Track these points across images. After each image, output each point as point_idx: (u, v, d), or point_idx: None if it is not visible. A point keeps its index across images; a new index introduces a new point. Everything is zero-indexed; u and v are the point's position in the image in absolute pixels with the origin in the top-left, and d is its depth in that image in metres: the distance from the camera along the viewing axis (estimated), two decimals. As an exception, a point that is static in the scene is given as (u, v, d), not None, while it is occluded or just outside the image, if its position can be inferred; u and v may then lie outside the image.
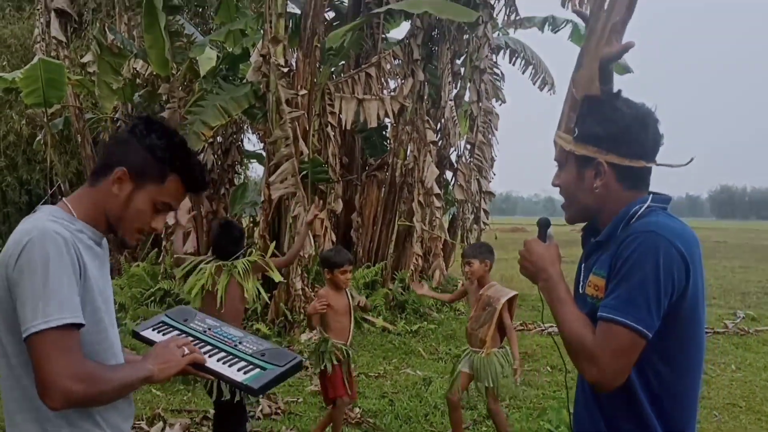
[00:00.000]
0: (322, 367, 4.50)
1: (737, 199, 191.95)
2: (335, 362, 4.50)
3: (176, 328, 1.95)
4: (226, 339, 1.89)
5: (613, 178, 1.68)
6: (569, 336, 1.60)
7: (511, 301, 4.63)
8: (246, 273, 4.27)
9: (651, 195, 1.69)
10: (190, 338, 1.89)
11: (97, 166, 1.76)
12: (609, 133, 1.65)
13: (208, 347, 1.85)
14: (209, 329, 1.94)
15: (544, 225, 1.80)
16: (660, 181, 1.78)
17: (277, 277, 5.03)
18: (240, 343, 1.88)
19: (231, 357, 1.82)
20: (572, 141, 1.69)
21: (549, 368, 7.14)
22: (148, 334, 1.95)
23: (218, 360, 1.80)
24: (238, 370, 1.76)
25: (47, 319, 1.48)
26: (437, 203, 10.00)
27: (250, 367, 1.78)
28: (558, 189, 1.78)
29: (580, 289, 1.76)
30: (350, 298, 4.68)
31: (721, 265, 20.41)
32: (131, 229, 1.75)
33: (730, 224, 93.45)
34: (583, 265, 1.79)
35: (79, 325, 1.54)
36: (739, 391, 6.46)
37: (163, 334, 1.94)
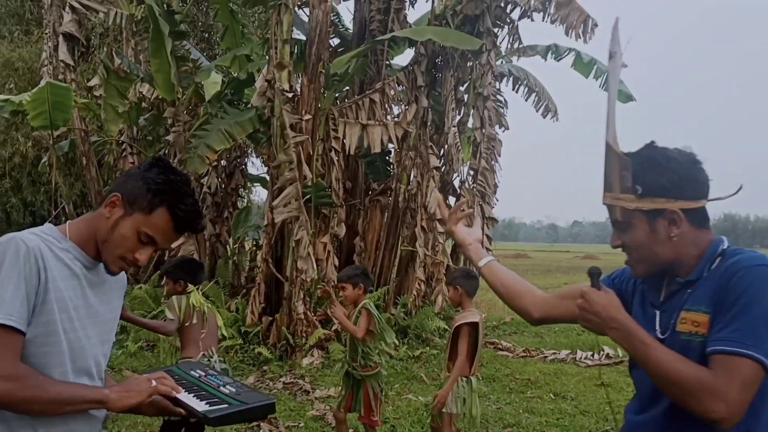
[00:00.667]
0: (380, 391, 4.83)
1: (741, 227, 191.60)
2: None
3: (178, 374, 2.02)
4: (213, 383, 1.96)
5: (687, 222, 1.72)
6: (676, 375, 1.55)
7: (475, 327, 4.58)
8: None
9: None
10: (179, 377, 1.96)
11: (105, 194, 1.87)
12: (673, 181, 1.70)
13: (193, 387, 1.92)
14: (205, 376, 2.02)
15: (596, 275, 1.76)
16: None
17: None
18: (224, 385, 1.95)
19: (207, 394, 1.87)
20: (636, 199, 1.71)
21: (552, 395, 7.10)
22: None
23: (191, 394, 1.84)
24: (206, 403, 1.81)
25: None
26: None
27: (219, 402, 1.83)
28: (619, 245, 1.80)
29: (660, 331, 1.74)
30: None
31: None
32: (114, 255, 1.77)
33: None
34: (660, 308, 1.79)
35: (16, 330, 1.57)
36: None
37: None
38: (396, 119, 9.80)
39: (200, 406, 1.78)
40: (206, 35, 16.24)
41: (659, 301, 1.79)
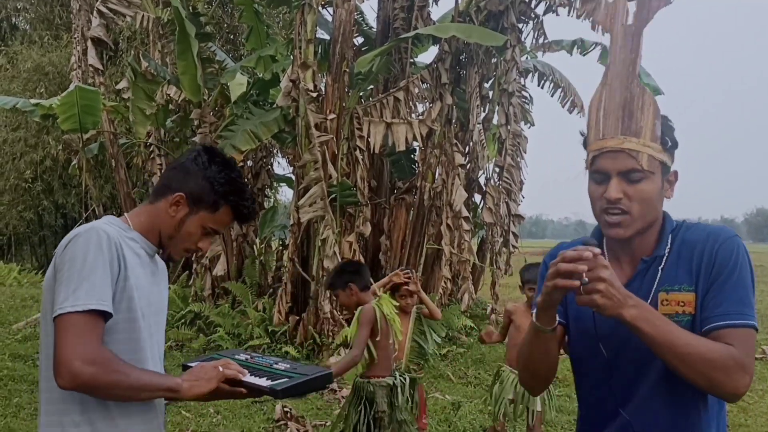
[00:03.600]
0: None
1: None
2: None
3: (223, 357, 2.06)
4: (264, 363, 2.01)
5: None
6: (706, 353, 1.48)
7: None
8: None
9: None
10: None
11: (157, 187, 1.93)
12: (677, 142, 1.67)
13: (247, 368, 1.94)
14: (251, 358, 2.07)
15: (597, 246, 1.60)
16: (695, 203, 1.72)
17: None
18: (276, 363, 2.00)
19: (264, 372, 1.93)
20: (663, 150, 1.62)
21: (580, 394, 7.02)
22: (194, 364, 2.04)
23: (249, 375, 1.89)
24: (267, 379, 1.86)
25: (74, 303, 1.60)
26: (466, 226, 9.97)
27: (278, 377, 1.88)
28: (622, 200, 1.59)
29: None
30: None
31: (758, 289, 19.91)
32: (179, 248, 1.91)
33: (766, 248, 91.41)
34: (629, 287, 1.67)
35: (105, 314, 1.65)
36: (778, 419, 6.29)
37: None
38: (420, 117, 9.77)
39: (264, 382, 1.84)
40: (231, 36, 16.36)
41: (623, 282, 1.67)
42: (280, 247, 11.04)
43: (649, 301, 1.61)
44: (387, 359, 3.85)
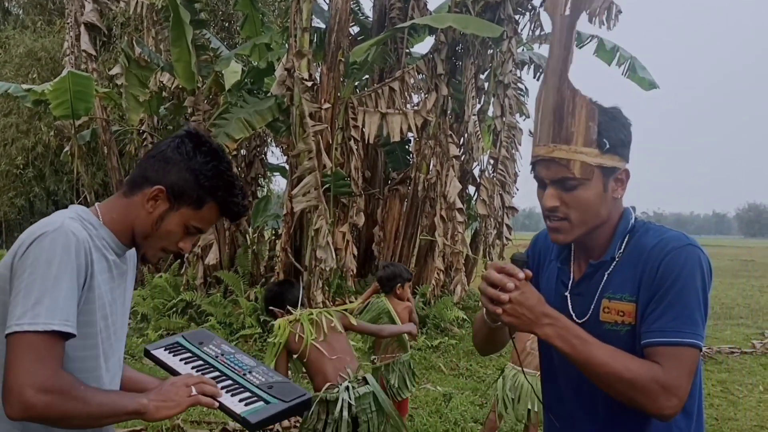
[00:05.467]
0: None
1: (765, 217, 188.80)
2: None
3: (189, 351, 1.89)
4: (236, 367, 1.83)
5: (625, 185, 1.62)
6: (623, 374, 1.44)
7: None
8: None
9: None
10: (200, 363, 1.83)
11: (134, 177, 1.66)
12: (627, 139, 1.58)
13: (216, 373, 1.79)
14: (222, 355, 1.88)
15: (523, 263, 1.54)
16: (686, 198, 1.71)
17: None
18: (249, 372, 1.82)
19: (236, 386, 1.75)
20: (600, 154, 1.52)
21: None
22: (159, 353, 1.88)
23: (222, 388, 1.70)
24: (240, 400, 1.68)
25: (34, 321, 1.38)
26: (459, 218, 9.95)
27: (254, 398, 1.71)
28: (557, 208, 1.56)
29: (575, 316, 1.61)
30: None
31: (749, 284, 20.06)
32: (156, 248, 1.67)
33: (757, 243, 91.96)
34: (571, 291, 1.65)
35: (67, 335, 1.43)
36: (767, 413, 6.31)
37: (174, 355, 1.87)
38: (416, 108, 9.74)
39: (237, 406, 1.66)
40: (226, 24, 16.27)
41: (570, 284, 1.66)
42: (273, 237, 11.01)
43: (592, 305, 1.59)
44: (323, 372, 3.40)
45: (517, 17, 10.19)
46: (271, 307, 3.73)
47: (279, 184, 22.23)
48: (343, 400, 3.30)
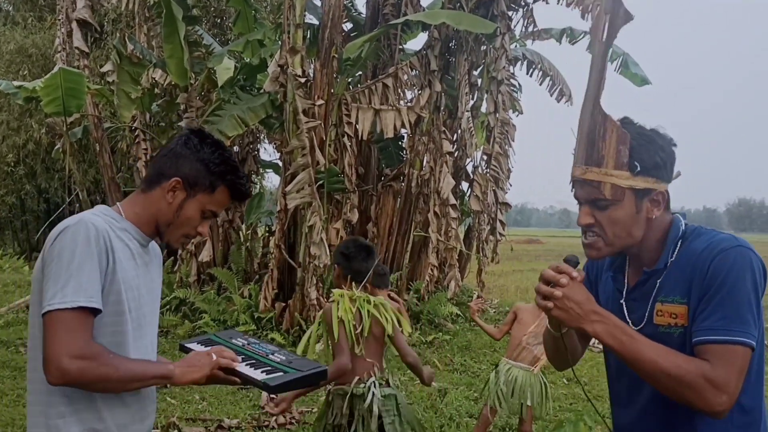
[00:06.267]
0: None
1: (755, 212, 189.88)
2: None
3: (219, 343, 2.06)
4: (260, 351, 2.01)
5: (664, 204, 1.67)
6: (671, 370, 1.49)
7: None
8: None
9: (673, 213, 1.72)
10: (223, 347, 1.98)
11: (150, 175, 1.89)
12: (663, 161, 1.63)
13: (241, 356, 1.94)
14: (249, 344, 2.07)
15: (575, 263, 1.63)
16: (677, 194, 1.74)
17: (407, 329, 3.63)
18: (272, 353, 2.00)
19: (259, 363, 1.92)
20: (631, 176, 1.60)
21: (565, 380, 7.07)
22: (193, 347, 2.06)
23: (245, 364, 1.89)
24: (261, 371, 1.86)
25: (63, 300, 1.59)
26: (453, 214, 9.96)
27: (274, 370, 1.88)
28: (593, 224, 1.65)
29: (631, 323, 1.68)
30: None
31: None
32: (178, 234, 1.89)
33: (748, 237, 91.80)
34: (627, 298, 1.73)
35: (94, 311, 1.64)
36: None
37: (206, 347, 2.03)
38: (409, 104, 9.74)
39: (258, 375, 1.85)
40: (218, 20, 16.19)
41: (625, 290, 1.74)
42: (267, 234, 10.99)
43: (647, 310, 1.65)
44: (339, 368, 3.22)
45: (510, 14, 10.20)
46: (337, 265, 3.41)
47: (272, 181, 22.17)
48: (373, 395, 3.22)
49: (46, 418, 1.68)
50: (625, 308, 1.70)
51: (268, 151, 27.28)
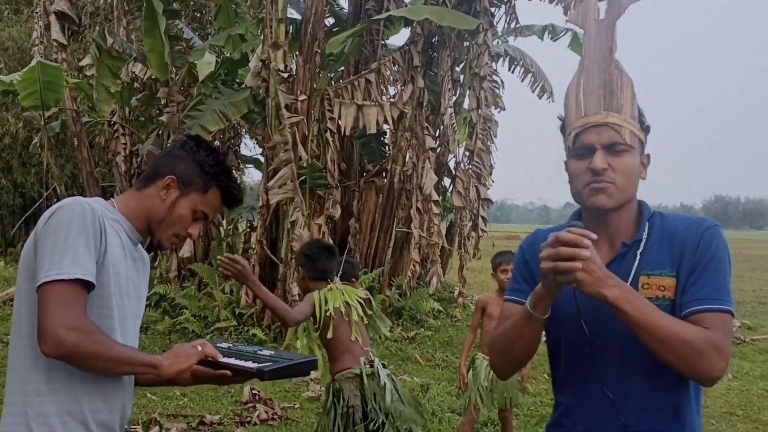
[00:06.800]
0: None
1: (731, 209, 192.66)
2: None
3: None
4: (248, 350, 2.03)
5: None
6: (685, 336, 1.51)
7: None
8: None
9: None
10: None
11: (146, 174, 1.94)
12: (648, 124, 1.72)
13: (231, 355, 1.96)
14: (235, 345, 2.09)
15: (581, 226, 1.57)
16: (655, 190, 1.74)
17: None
18: (260, 350, 2.03)
19: (249, 357, 1.95)
20: (641, 129, 1.67)
21: (546, 376, 7.12)
22: None
23: (235, 359, 1.91)
24: (253, 363, 1.88)
25: (59, 272, 1.60)
26: (435, 210, 9.98)
27: (264, 360, 1.91)
28: (608, 172, 1.61)
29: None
30: None
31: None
32: (169, 233, 1.92)
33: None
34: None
35: (88, 284, 1.65)
36: (736, 400, 6.46)
37: None
38: (392, 100, 9.72)
39: (251, 364, 1.86)
40: (198, 15, 16.05)
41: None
42: (248, 229, 10.94)
43: (629, 283, 1.61)
44: (350, 350, 3.44)
45: (492, 10, 10.21)
46: (301, 266, 3.56)
47: (252, 176, 22.08)
48: (384, 371, 3.45)
49: (24, 396, 1.68)
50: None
51: (248, 147, 27.15)
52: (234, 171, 2.02)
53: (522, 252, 1.83)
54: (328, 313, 3.34)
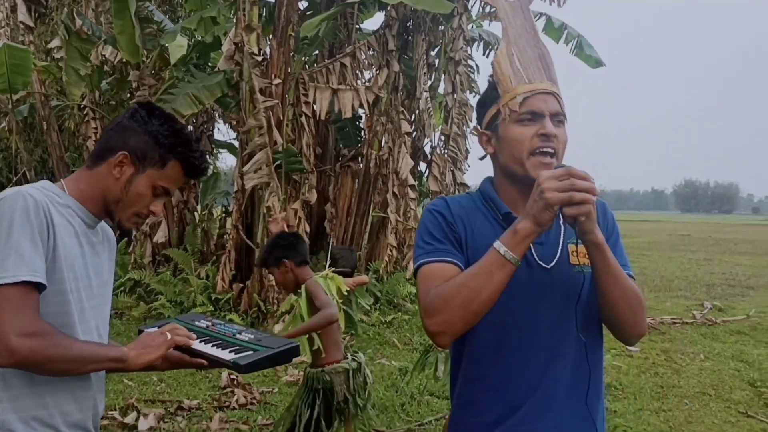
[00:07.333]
0: None
1: (701, 193, 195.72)
2: None
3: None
4: (227, 331, 1.90)
5: None
6: (636, 289, 1.61)
7: None
8: None
9: None
10: (192, 334, 1.84)
11: (96, 150, 1.76)
12: None
13: (206, 338, 1.84)
14: (213, 325, 1.96)
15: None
16: (626, 175, 1.75)
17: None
18: (239, 333, 1.89)
19: (226, 343, 1.81)
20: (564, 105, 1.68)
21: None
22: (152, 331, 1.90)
23: (211, 345, 1.78)
24: (230, 351, 1.76)
25: (3, 275, 1.48)
26: (412, 194, 9.98)
27: (243, 350, 1.78)
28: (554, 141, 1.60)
29: (542, 262, 1.64)
30: None
31: (686, 257, 20.81)
32: (129, 213, 1.75)
33: (693, 218, 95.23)
34: (534, 243, 1.59)
35: (39, 286, 1.52)
36: (708, 380, 6.58)
37: None
38: (367, 84, 9.67)
39: (226, 355, 1.74)
40: (168, -3, 15.77)
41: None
42: (223, 215, 10.85)
43: (558, 251, 1.65)
44: (338, 342, 3.51)
45: (467, -6, 10.19)
46: (284, 259, 3.46)
47: (226, 161, 21.87)
48: (365, 367, 3.54)
49: None
50: (533, 250, 1.62)
51: (222, 132, 26.85)
52: (194, 140, 1.80)
53: (441, 216, 1.69)
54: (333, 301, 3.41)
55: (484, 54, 12.47)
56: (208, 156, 12.24)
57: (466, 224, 1.69)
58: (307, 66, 9.88)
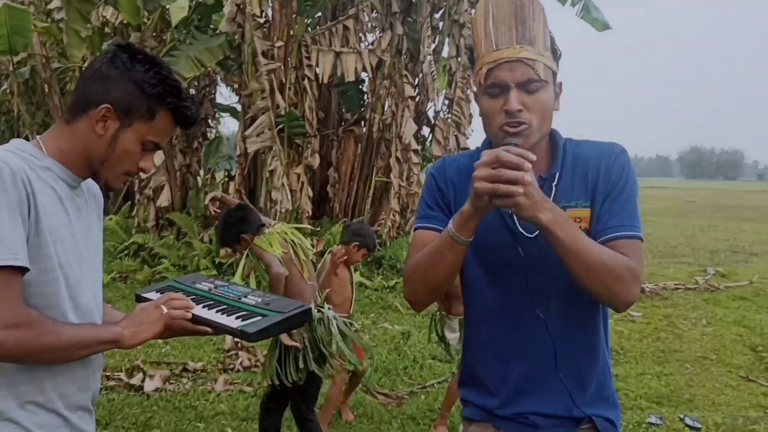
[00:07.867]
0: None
1: (705, 159, 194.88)
2: None
3: (181, 290, 1.81)
4: (231, 294, 1.77)
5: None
6: (609, 262, 1.48)
7: None
8: None
9: None
10: (185, 294, 1.73)
11: (74, 102, 1.55)
12: (560, 50, 1.63)
13: (210, 302, 1.72)
14: (215, 287, 1.82)
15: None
16: (632, 141, 1.70)
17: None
18: (245, 296, 1.76)
19: (231, 308, 1.69)
20: (553, 60, 1.56)
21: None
22: (150, 296, 1.79)
23: (216, 311, 1.67)
24: (237, 318, 1.64)
25: None
26: (415, 159, 9.93)
27: (251, 315, 1.66)
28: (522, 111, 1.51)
29: (525, 230, 1.60)
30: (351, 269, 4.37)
31: (690, 223, 20.80)
32: (117, 172, 1.57)
33: (698, 184, 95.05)
34: None
35: (21, 269, 1.37)
36: (710, 345, 6.62)
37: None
38: (370, 47, 9.57)
39: (233, 322, 1.61)
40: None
41: None
42: (226, 179, 10.84)
43: None
44: (300, 295, 3.39)
45: (473, -46, 10.00)
46: (242, 235, 3.49)
47: (228, 125, 21.77)
48: (332, 319, 3.47)
49: None
50: (515, 218, 1.60)
51: (224, 95, 26.69)
52: (180, 84, 1.60)
53: (434, 179, 1.72)
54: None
55: (489, 16, 12.27)
56: (210, 120, 12.32)
57: (458, 188, 1.68)
58: (309, 28, 9.76)
